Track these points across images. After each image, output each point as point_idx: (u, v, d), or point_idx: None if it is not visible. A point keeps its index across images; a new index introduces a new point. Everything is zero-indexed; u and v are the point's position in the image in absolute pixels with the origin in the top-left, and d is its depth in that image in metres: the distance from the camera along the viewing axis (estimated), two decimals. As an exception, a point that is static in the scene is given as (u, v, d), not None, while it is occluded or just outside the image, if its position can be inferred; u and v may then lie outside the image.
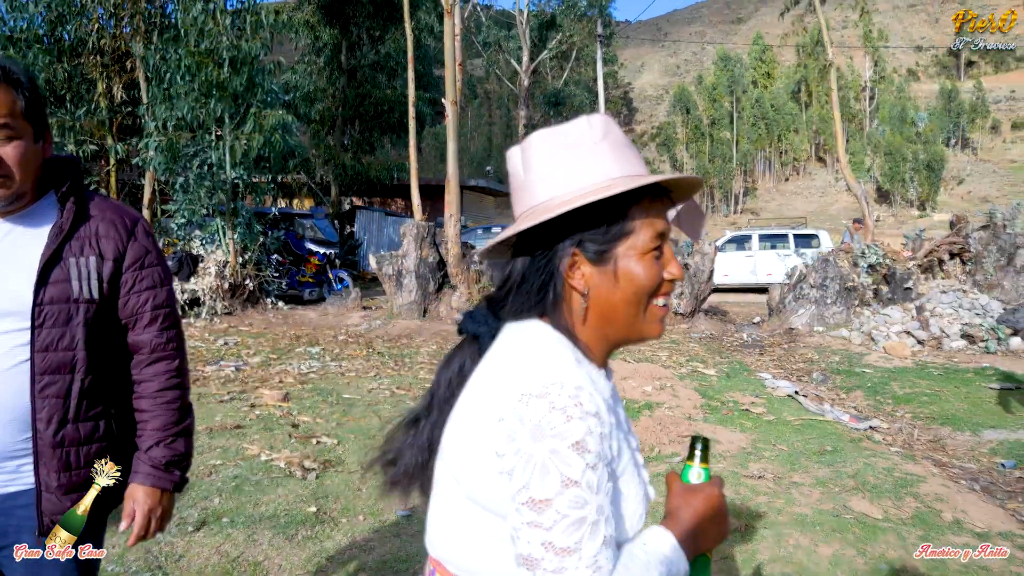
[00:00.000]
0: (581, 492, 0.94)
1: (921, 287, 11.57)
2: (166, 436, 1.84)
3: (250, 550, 3.69)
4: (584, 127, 1.09)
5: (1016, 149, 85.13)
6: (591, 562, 0.93)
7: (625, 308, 1.10)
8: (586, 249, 1.08)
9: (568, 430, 0.95)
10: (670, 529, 1.06)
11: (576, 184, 1.07)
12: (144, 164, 13.40)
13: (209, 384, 7.48)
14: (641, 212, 1.09)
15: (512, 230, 1.10)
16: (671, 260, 1.12)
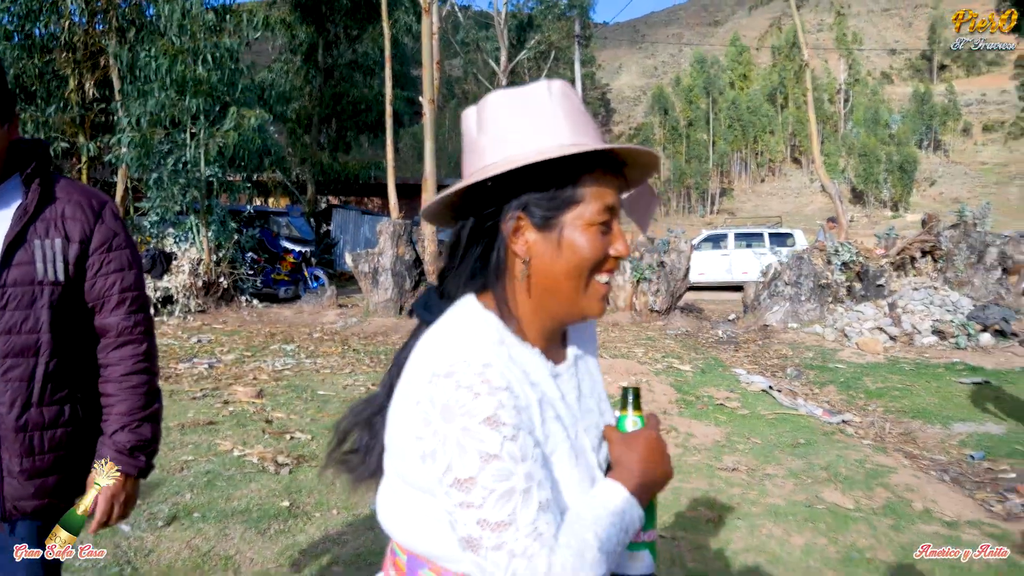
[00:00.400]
0: (503, 464, 0.93)
1: (893, 284, 11.70)
2: (132, 421, 1.81)
3: (221, 544, 3.65)
4: (543, 91, 1.07)
5: (987, 151, 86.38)
6: (530, 530, 0.92)
7: (566, 280, 1.07)
8: (532, 214, 1.05)
9: (477, 407, 0.95)
10: (619, 480, 1.03)
11: (529, 147, 1.04)
12: (116, 161, 13.24)
13: (182, 381, 7.40)
14: (592, 182, 1.06)
15: (457, 186, 1.07)
16: (618, 237, 1.09)
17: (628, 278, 12.94)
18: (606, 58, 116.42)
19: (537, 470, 0.96)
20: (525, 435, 0.96)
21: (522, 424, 0.97)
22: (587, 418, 1.14)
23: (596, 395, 1.20)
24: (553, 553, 0.92)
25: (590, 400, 1.17)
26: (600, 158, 1.07)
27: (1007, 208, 60.72)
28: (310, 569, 3.44)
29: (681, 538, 3.82)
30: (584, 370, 1.20)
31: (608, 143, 1.09)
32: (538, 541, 0.92)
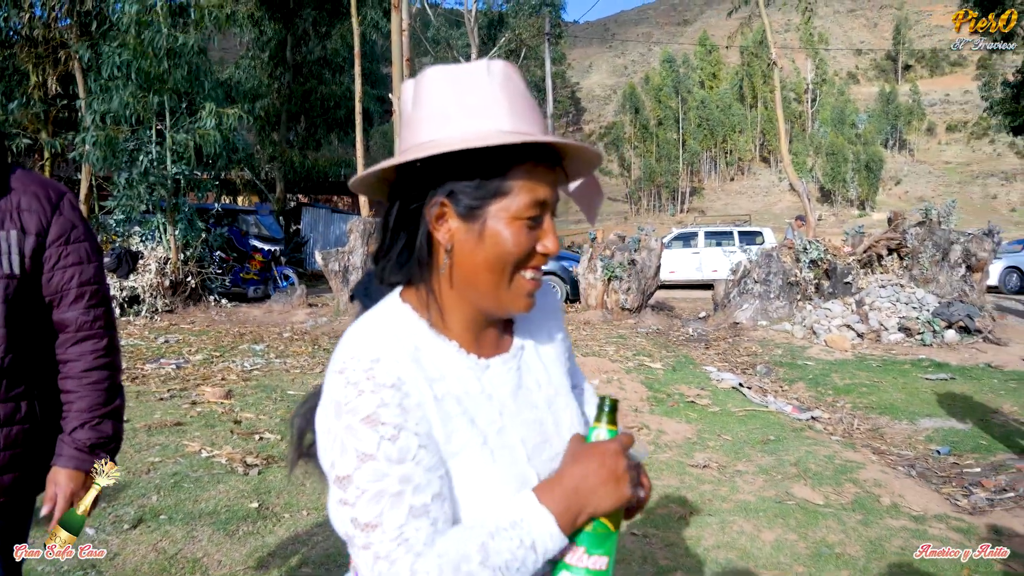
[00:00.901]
0: (378, 465, 0.91)
1: (861, 282, 11.84)
2: (92, 418, 1.77)
3: (189, 547, 3.60)
4: (483, 71, 1.02)
5: (950, 150, 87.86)
6: (396, 535, 0.90)
7: (486, 273, 1.02)
8: (457, 201, 1.01)
9: (359, 404, 0.93)
10: (539, 491, 0.96)
11: (461, 129, 0.99)
12: (80, 159, 13.01)
13: (149, 382, 7.29)
14: (523, 174, 1.01)
15: (383, 164, 1.03)
16: (549, 233, 1.04)
17: (599, 276, 12.98)
18: (576, 57, 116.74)
19: (417, 473, 0.93)
20: (409, 435, 0.93)
21: (407, 424, 0.94)
22: (526, 413, 1.09)
23: (549, 387, 1.15)
24: (420, 559, 0.89)
25: (536, 394, 1.12)
26: (536, 150, 1.02)
27: (970, 207, 61.81)
28: (279, 571, 3.40)
29: (652, 535, 3.82)
30: (531, 362, 1.15)
31: (550, 134, 1.05)
32: (403, 546, 0.89)
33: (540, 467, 1.06)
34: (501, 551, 0.91)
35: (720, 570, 3.47)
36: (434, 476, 0.94)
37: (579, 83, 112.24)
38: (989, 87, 36.51)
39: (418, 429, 0.95)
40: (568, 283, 15.31)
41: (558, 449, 1.09)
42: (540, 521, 0.94)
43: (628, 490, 0.98)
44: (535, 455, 1.06)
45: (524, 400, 1.10)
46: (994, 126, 64.51)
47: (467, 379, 1.05)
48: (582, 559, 0.98)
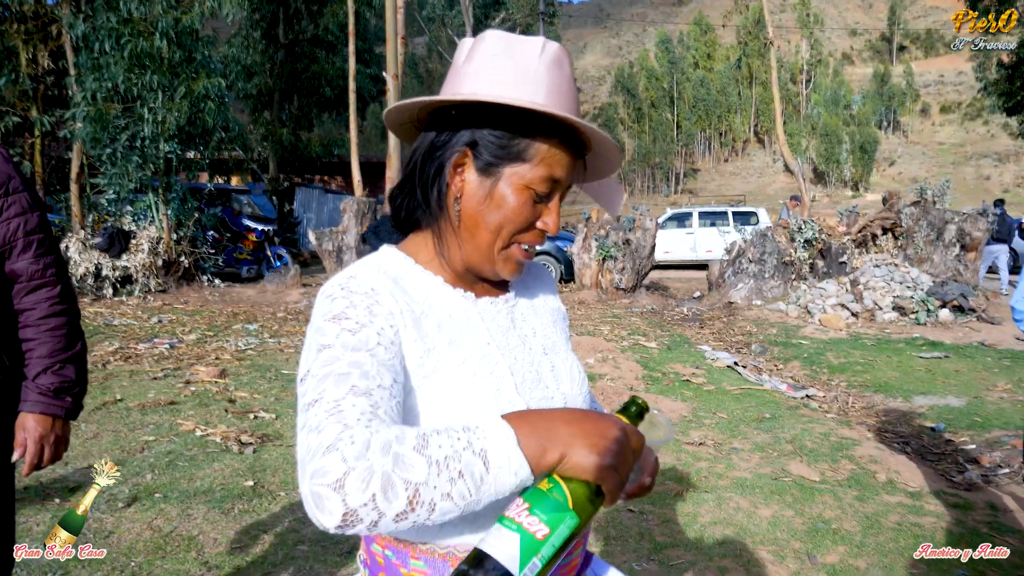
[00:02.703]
0: (333, 351, 0.91)
1: (855, 261, 11.84)
2: (53, 363, 1.81)
3: (184, 525, 3.58)
4: (537, 47, 1.05)
5: (944, 131, 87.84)
6: (331, 407, 0.84)
7: (484, 231, 1.05)
8: (478, 153, 1.04)
9: (329, 308, 0.96)
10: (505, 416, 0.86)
11: (503, 91, 1.02)
12: (71, 136, 12.89)
13: (142, 362, 7.25)
14: (545, 147, 1.04)
15: (424, 99, 1.06)
16: (553, 212, 1.07)
17: (594, 256, 12.95)
18: (571, 37, 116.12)
19: (369, 362, 0.90)
20: (371, 332, 0.94)
21: (372, 323, 0.95)
22: (518, 352, 1.10)
23: (545, 339, 1.17)
24: (348, 430, 0.81)
25: (531, 340, 1.14)
26: (564, 132, 1.05)
27: (964, 187, 61.88)
28: (275, 548, 3.38)
29: (649, 512, 3.82)
30: (526, 313, 1.18)
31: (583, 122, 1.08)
32: (334, 416, 0.83)
33: (532, 402, 1.06)
34: (443, 445, 0.81)
35: (717, 546, 3.47)
36: (386, 372, 0.91)
37: (574, 64, 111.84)
38: (983, 68, 36.47)
39: (382, 332, 0.95)
40: (563, 263, 15.29)
41: (553, 393, 1.10)
42: (497, 432, 0.83)
43: (608, 459, 0.85)
44: (527, 389, 1.07)
45: (517, 340, 1.12)
46: (988, 107, 64.46)
47: (452, 307, 1.07)
48: (521, 514, 0.84)
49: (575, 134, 1.06)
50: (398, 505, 0.78)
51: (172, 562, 3.23)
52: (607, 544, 3.47)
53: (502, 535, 0.83)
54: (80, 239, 11.81)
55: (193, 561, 3.24)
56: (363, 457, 0.78)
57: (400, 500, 0.78)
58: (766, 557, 3.36)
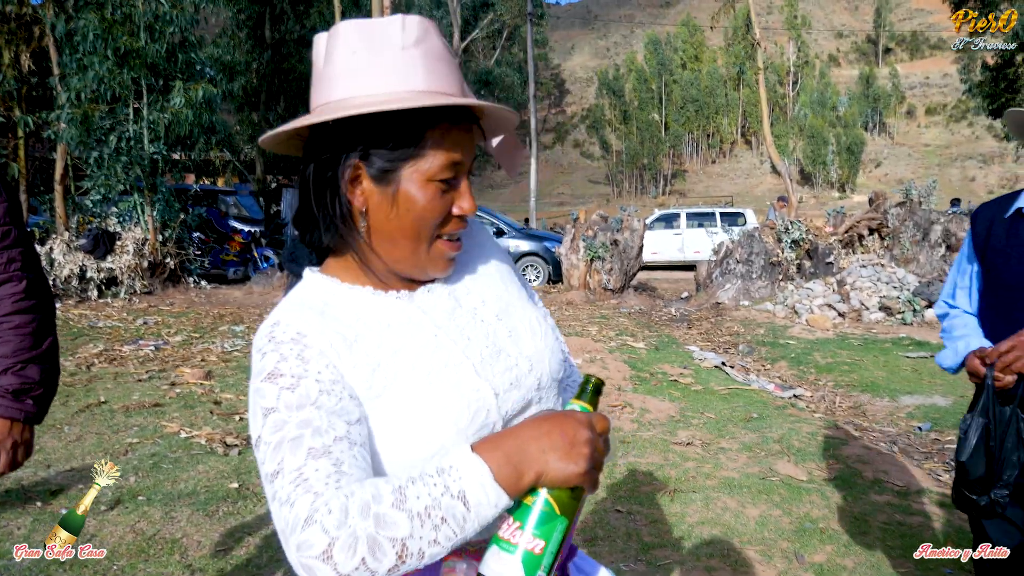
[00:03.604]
0: (279, 415, 0.89)
1: (842, 262, 11.89)
2: (15, 363, 1.70)
3: (167, 527, 3.54)
4: (397, 27, 0.98)
5: (930, 133, 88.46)
6: (294, 477, 0.84)
7: (402, 237, 1.00)
8: (370, 164, 0.98)
9: (263, 366, 0.94)
10: (475, 444, 0.87)
11: (374, 88, 0.96)
12: (56, 137, 12.78)
13: (127, 364, 7.19)
14: (437, 136, 0.98)
15: (293, 124, 0.98)
16: (465, 194, 1.03)
17: (582, 257, 12.95)
18: (559, 38, 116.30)
19: (317, 416, 0.88)
20: (309, 383, 0.91)
21: (308, 372, 0.92)
22: (470, 329, 1.05)
23: (497, 302, 1.11)
24: (319, 498, 0.81)
25: (481, 310, 1.09)
26: (451, 110, 0.99)
27: (949, 188, 62.26)
28: (259, 551, 3.35)
29: (637, 512, 3.81)
30: (470, 285, 1.12)
31: (468, 94, 1.03)
32: (302, 487, 0.83)
33: (495, 379, 1.02)
34: (420, 496, 0.81)
35: (705, 546, 3.46)
36: (338, 420, 0.90)
37: (561, 65, 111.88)
38: (968, 70, 36.73)
39: (320, 376, 0.92)
40: (550, 264, 15.28)
41: (516, 358, 1.06)
42: (471, 469, 0.83)
43: (583, 464, 0.86)
44: (486, 367, 1.03)
45: (466, 317, 1.07)
46: (973, 109, 64.94)
47: (388, 315, 1.03)
48: (515, 535, 0.86)
49: (464, 107, 1.01)
50: (388, 562, 0.80)
51: (155, 565, 3.20)
52: (595, 545, 3.45)
53: (502, 559, 0.86)
54: (64, 241, 11.72)
55: (176, 564, 3.21)
56: (344, 524, 0.79)
57: (389, 557, 0.80)
58: (753, 557, 3.35)
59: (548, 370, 1.10)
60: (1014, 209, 2.07)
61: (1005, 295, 2.07)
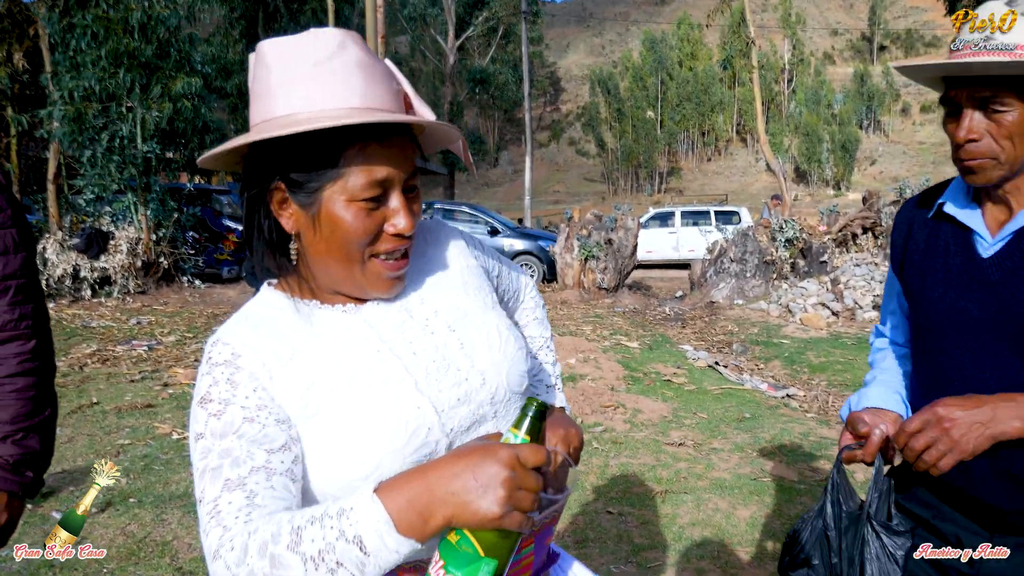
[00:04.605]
0: (205, 442, 0.90)
1: (836, 260, 11.91)
2: (15, 430, 1.55)
3: (158, 530, 3.54)
4: (308, 43, 0.95)
5: (924, 131, 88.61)
6: (211, 507, 0.87)
7: (332, 260, 0.99)
8: (292, 186, 0.97)
9: (198, 389, 0.95)
10: (384, 483, 0.82)
11: (291, 107, 0.94)
12: (48, 136, 12.75)
13: (120, 364, 7.18)
14: (356, 154, 0.94)
15: (216, 150, 0.98)
16: (398, 211, 0.98)
17: (576, 256, 12.96)
18: (554, 36, 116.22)
19: (238, 446, 0.89)
20: (235, 409, 0.91)
21: (235, 398, 0.92)
22: (419, 342, 1.03)
23: (452, 312, 1.09)
24: (227, 533, 0.84)
25: (433, 321, 1.06)
26: (374, 124, 0.95)
27: (943, 187, 62.22)
28: (251, 554, 3.35)
29: (628, 513, 3.82)
30: (425, 294, 1.09)
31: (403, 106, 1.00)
32: (215, 519, 0.85)
33: (439, 395, 1.00)
34: (315, 539, 0.79)
35: (696, 547, 3.46)
36: (258, 449, 0.89)
37: (556, 63, 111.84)
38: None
39: (247, 402, 0.92)
40: (545, 263, 15.28)
41: (467, 373, 1.03)
42: (368, 514, 0.79)
43: (497, 508, 0.79)
44: (431, 382, 1.00)
45: (415, 330, 1.05)
46: (967, 107, 64.84)
47: (331, 329, 1.01)
48: (440, 573, 0.83)
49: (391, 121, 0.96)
50: None
51: (145, 568, 3.20)
52: (585, 546, 3.46)
53: None
54: (58, 240, 11.68)
55: (167, 567, 3.21)
56: (243, 563, 0.81)
57: None
58: (744, 558, 3.36)
59: (505, 383, 1.07)
60: (936, 207, 1.49)
61: (926, 333, 1.48)
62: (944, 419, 1.23)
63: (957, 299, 1.40)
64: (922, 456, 1.26)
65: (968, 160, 1.34)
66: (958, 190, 1.47)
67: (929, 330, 1.47)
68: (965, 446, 1.21)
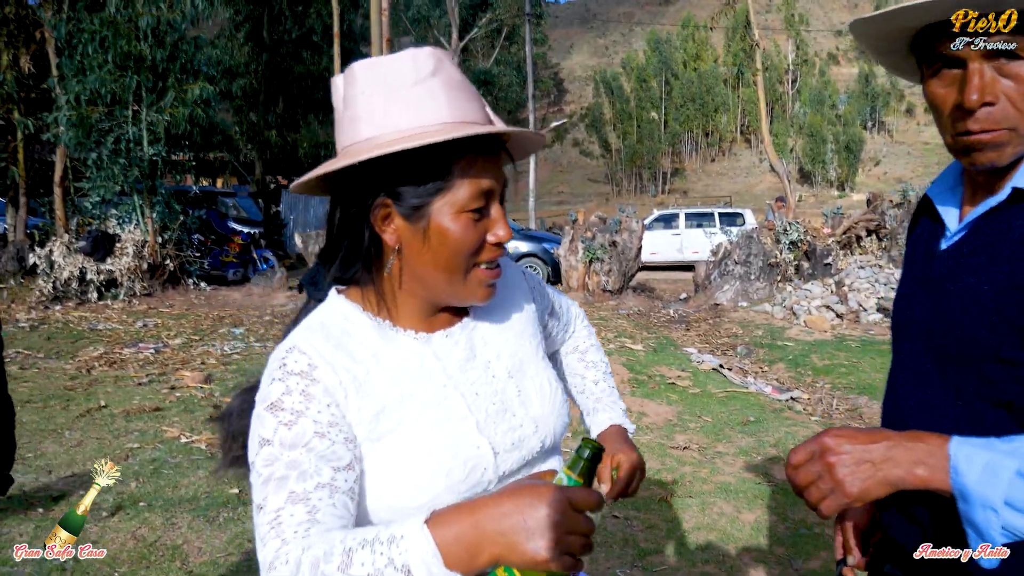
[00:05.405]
0: (272, 450, 0.92)
1: (840, 263, 11.92)
2: None
3: (168, 534, 3.57)
4: (408, 63, 0.98)
5: (929, 131, 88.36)
6: (272, 517, 0.88)
7: (437, 271, 1.01)
8: (400, 200, 0.98)
9: (268, 392, 0.96)
10: (435, 513, 0.83)
11: (395, 126, 0.96)
12: (55, 140, 12.81)
13: (127, 367, 7.23)
14: (464, 166, 0.98)
15: (322, 169, 0.99)
16: (498, 222, 1.02)
17: (580, 258, 12.98)
18: (557, 37, 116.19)
19: (307, 460, 0.91)
20: (307, 422, 0.93)
21: (308, 410, 0.94)
22: (480, 384, 1.06)
23: (511, 358, 1.12)
24: (285, 546, 0.86)
25: (495, 364, 1.10)
26: (476, 139, 0.99)
27: (948, 187, 62.09)
28: (260, 557, 3.38)
29: (633, 517, 3.84)
30: (488, 334, 1.12)
31: (493, 121, 1.03)
32: (275, 530, 0.87)
33: (497, 437, 1.03)
34: (365, 563, 0.80)
35: (700, 551, 3.49)
36: (325, 465, 0.92)
37: (560, 64, 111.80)
38: (967, 68, 36.67)
39: (319, 417, 0.94)
40: (549, 265, 15.31)
41: (522, 419, 1.07)
42: (418, 545, 0.79)
43: (546, 552, 0.79)
44: (490, 424, 1.04)
45: (478, 370, 1.08)
46: (972, 107, 64.67)
47: (403, 355, 1.03)
48: None
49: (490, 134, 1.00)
50: None
51: (156, 572, 3.23)
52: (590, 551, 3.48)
53: None
54: (64, 243, 11.75)
55: (178, 571, 3.24)
56: None
57: None
58: (749, 563, 3.38)
59: (552, 433, 1.12)
60: (921, 199, 1.33)
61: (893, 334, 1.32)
62: (829, 452, 0.97)
63: (912, 297, 1.24)
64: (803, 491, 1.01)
65: (980, 133, 1.03)
66: (948, 173, 1.24)
67: (892, 332, 1.31)
68: (849, 488, 0.95)
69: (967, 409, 1.08)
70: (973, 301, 1.06)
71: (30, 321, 9.67)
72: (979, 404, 1.06)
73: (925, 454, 0.94)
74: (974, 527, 0.96)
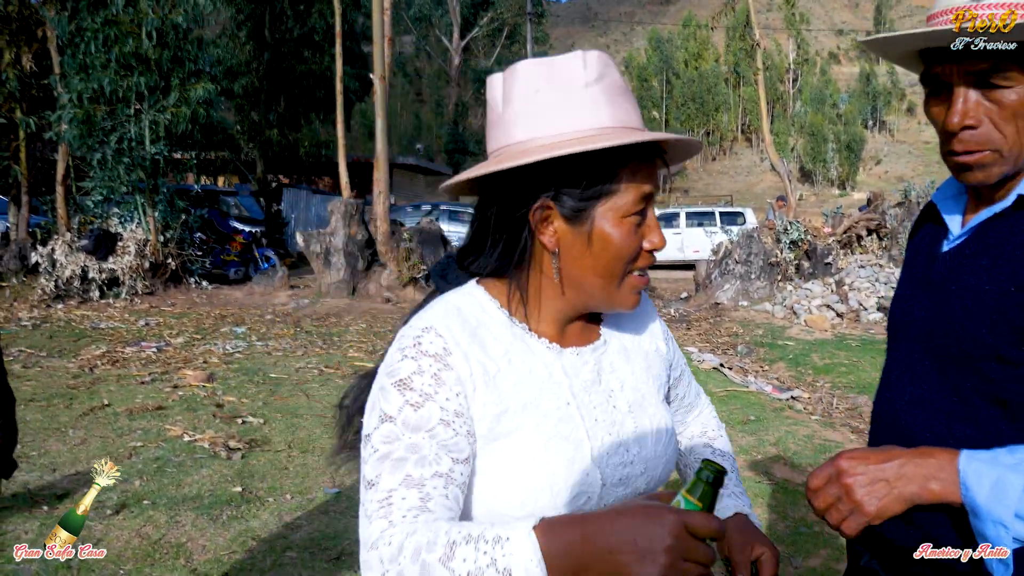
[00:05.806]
0: (394, 428, 0.91)
1: (840, 262, 11.94)
2: None
3: (172, 532, 3.59)
4: (578, 64, 0.97)
5: (930, 131, 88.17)
6: (383, 496, 0.87)
7: (595, 276, 0.99)
8: (562, 204, 0.97)
9: (398, 368, 0.94)
10: (545, 520, 0.79)
11: (560, 127, 0.95)
12: (57, 138, 12.83)
13: (129, 365, 7.25)
14: (629, 171, 0.97)
15: (483, 168, 0.98)
16: (654, 228, 1.01)
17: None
18: (559, 36, 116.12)
19: (428, 446, 0.90)
20: (434, 407, 0.92)
21: (437, 396, 0.92)
22: (601, 411, 1.04)
23: (634, 392, 1.09)
24: (392, 528, 0.84)
25: (618, 395, 1.07)
26: (639, 144, 0.98)
27: (949, 187, 62.04)
28: (263, 555, 3.41)
29: (635, 516, 3.86)
30: (616, 362, 1.10)
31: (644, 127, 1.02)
32: (384, 510, 0.86)
33: (609, 470, 1.00)
34: (467, 559, 0.77)
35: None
36: (445, 455, 0.90)
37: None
38: (968, 67, 36.66)
39: (447, 404, 0.93)
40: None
41: (633, 457, 1.04)
42: (523, 551, 0.76)
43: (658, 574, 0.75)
44: (604, 455, 1.00)
45: (601, 397, 1.05)
46: (973, 106, 64.59)
47: (533, 361, 1.01)
48: None
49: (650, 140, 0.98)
50: None
51: (161, 569, 3.25)
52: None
53: None
54: (66, 241, 11.77)
55: (182, 569, 3.26)
56: (395, 561, 0.81)
57: None
58: (749, 561, 3.39)
59: (658, 479, 1.09)
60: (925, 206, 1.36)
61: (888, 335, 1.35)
62: (844, 474, 1.02)
63: (911, 298, 1.25)
64: (824, 513, 1.06)
65: (964, 154, 1.08)
66: (953, 180, 1.25)
67: (888, 331, 1.33)
68: (868, 508, 1.00)
69: (963, 405, 1.11)
70: (974, 301, 1.09)
71: (32, 320, 9.69)
72: (976, 401, 1.09)
73: (936, 469, 0.99)
74: (986, 539, 1.03)
